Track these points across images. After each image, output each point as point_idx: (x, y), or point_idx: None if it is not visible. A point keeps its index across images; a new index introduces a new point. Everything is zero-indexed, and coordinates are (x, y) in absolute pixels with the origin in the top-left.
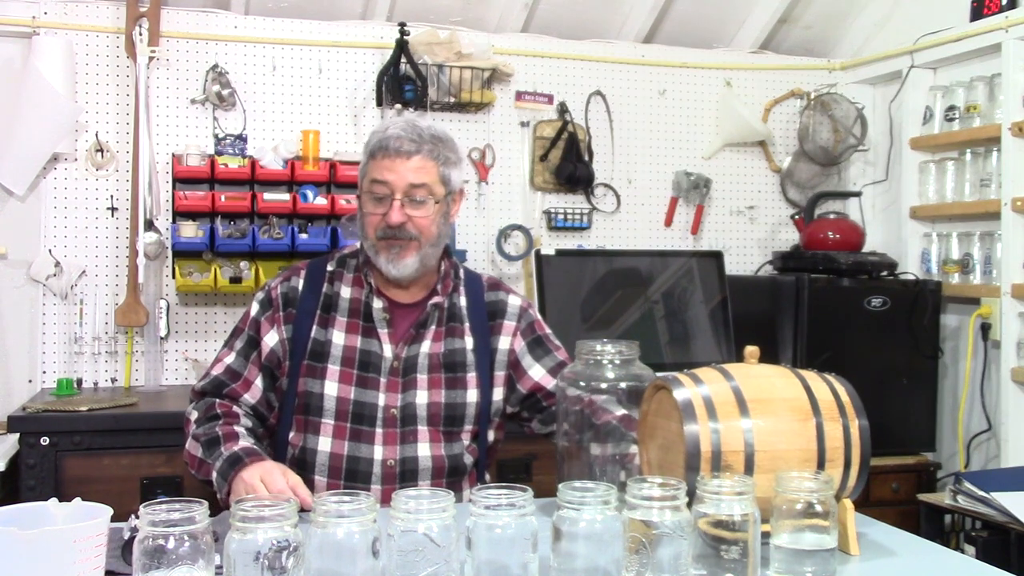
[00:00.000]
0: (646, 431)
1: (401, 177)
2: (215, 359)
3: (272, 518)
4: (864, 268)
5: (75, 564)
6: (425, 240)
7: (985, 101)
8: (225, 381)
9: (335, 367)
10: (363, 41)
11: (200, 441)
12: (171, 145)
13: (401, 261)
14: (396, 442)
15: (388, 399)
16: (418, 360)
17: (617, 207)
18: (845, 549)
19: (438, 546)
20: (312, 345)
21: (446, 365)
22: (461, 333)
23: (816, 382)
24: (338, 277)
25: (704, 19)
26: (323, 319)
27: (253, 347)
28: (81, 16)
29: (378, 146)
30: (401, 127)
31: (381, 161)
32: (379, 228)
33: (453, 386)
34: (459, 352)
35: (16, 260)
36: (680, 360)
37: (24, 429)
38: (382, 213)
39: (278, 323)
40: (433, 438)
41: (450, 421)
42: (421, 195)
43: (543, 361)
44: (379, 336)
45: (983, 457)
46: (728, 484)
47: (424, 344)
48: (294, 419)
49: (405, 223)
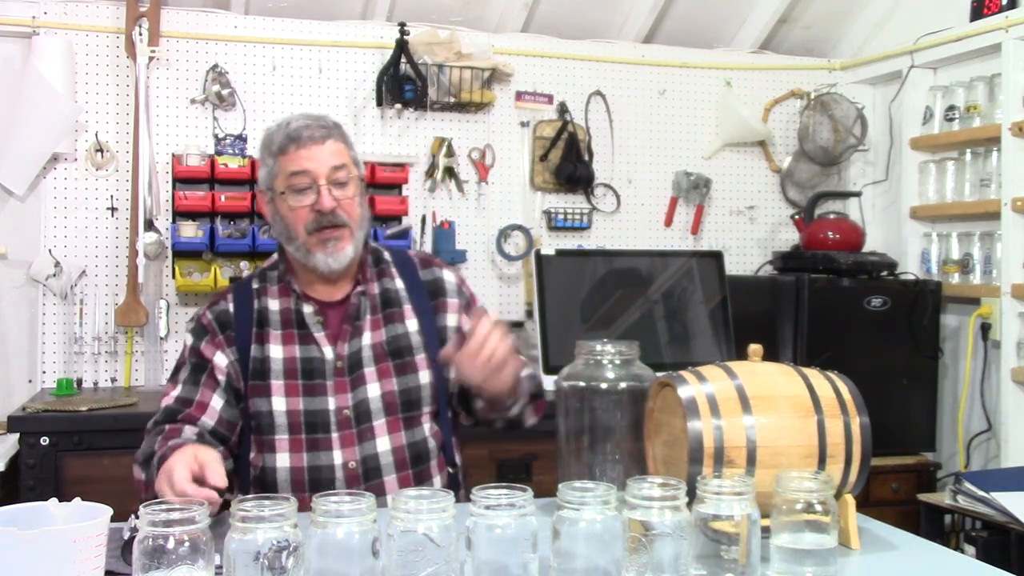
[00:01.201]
0: (651, 428)
1: (321, 162)
2: (163, 395)
3: (272, 518)
4: (864, 268)
5: (75, 564)
6: (355, 225)
7: (985, 101)
8: (178, 409)
9: (279, 382)
10: (363, 41)
11: (139, 462)
12: (171, 145)
13: (340, 252)
14: (354, 443)
15: (339, 401)
16: (362, 354)
17: (617, 207)
18: (846, 543)
19: (438, 546)
20: (252, 364)
21: (392, 352)
22: (401, 317)
23: (818, 379)
24: (263, 292)
25: (704, 19)
26: (258, 336)
27: (201, 371)
28: (81, 16)
29: (287, 140)
30: (302, 119)
31: (296, 153)
32: (308, 221)
33: (404, 371)
34: (403, 336)
35: (16, 260)
36: (680, 360)
37: (24, 429)
38: (309, 204)
39: (221, 347)
40: (392, 428)
41: (408, 407)
42: (342, 176)
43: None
44: (316, 340)
45: (983, 457)
46: (728, 484)
47: (365, 336)
48: (251, 440)
49: (336, 208)
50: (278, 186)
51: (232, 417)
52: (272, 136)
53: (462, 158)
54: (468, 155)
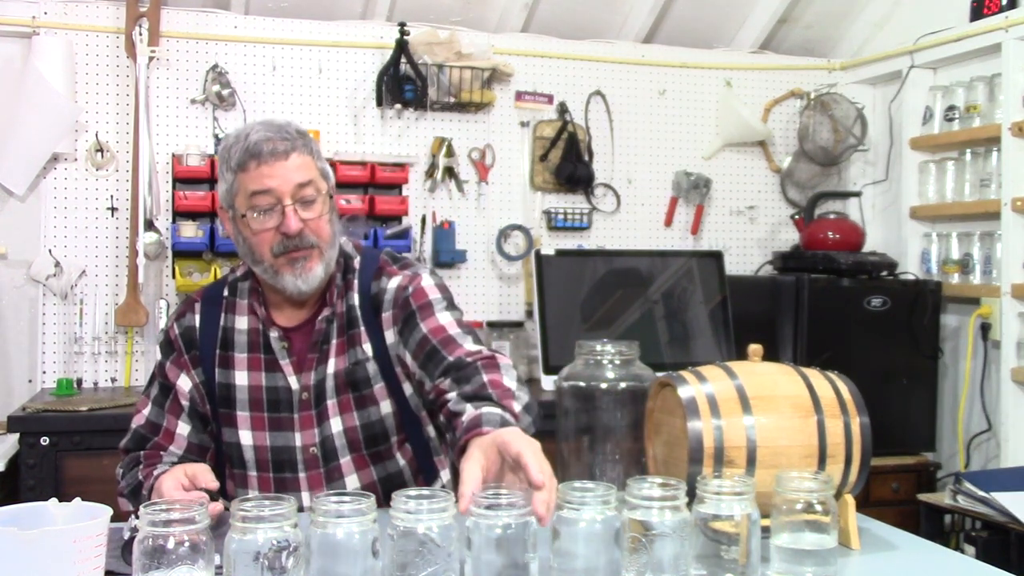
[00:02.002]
0: (651, 428)
1: (285, 180)
2: (135, 409)
3: (272, 518)
4: (864, 268)
5: (75, 564)
6: (324, 244)
7: (985, 101)
8: (147, 435)
9: (244, 413)
10: (363, 41)
11: (125, 495)
12: (171, 145)
13: (309, 273)
14: (322, 483)
15: (304, 438)
16: (325, 384)
17: (617, 207)
18: (846, 543)
19: (438, 546)
20: (219, 391)
21: (351, 384)
22: (359, 340)
23: (818, 379)
24: (232, 307)
25: (704, 19)
26: (223, 358)
27: (166, 395)
28: (81, 16)
29: (246, 155)
30: (262, 130)
31: (257, 170)
32: (274, 244)
33: (363, 405)
34: (361, 366)
35: (16, 260)
36: (680, 360)
37: (24, 429)
38: (274, 227)
39: (186, 368)
40: (359, 465)
41: (371, 442)
42: (309, 194)
43: (408, 343)
44: (282, 368)
45: (983, 457)
46: (728, 484)
47: (329, 364)
48: (226, 470)
49: (302, 229)
50: (239, 206)
51: (202, 441)
52: (230, 149)
53: (462, 158)
54: (468, 155)
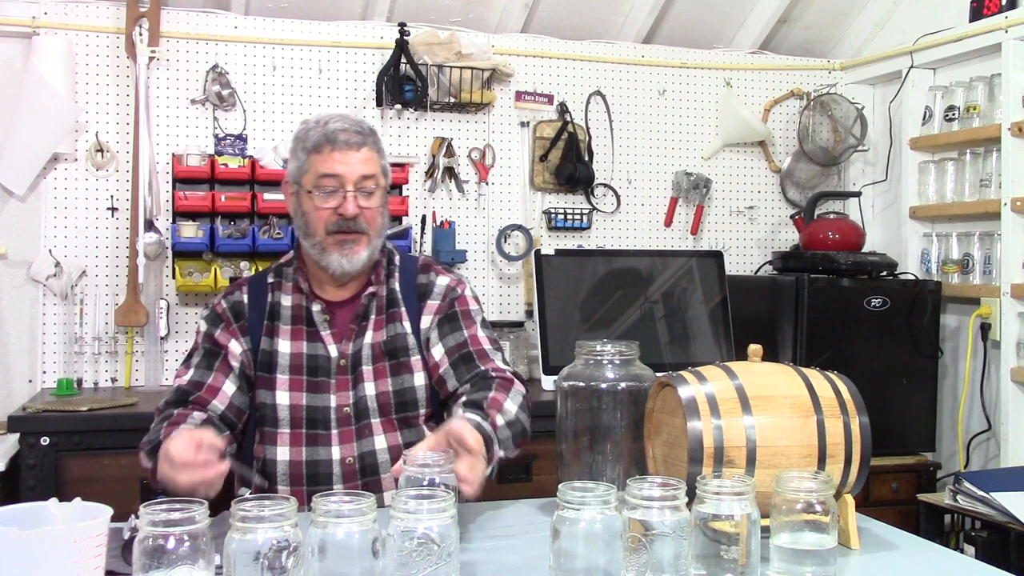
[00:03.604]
0: (651, 428)
1: (352, 169)
2: (176, 377)
3: (272, 518)
4: (864, 268)
5: (75, 564)
6: (373, 233)
7: (985, 101)
8: (189, 391)
9: (284, 376)
10: (363, 41)
11: (145, 451)
12: (171, 145)
13: (355, 256)
14: (352, 439)
15: (339, 398)
16: (363, 353)
17: (617, 207)
18: (846, 543)
19: (438, 546)
20: (261, 356)
21: (388, 352)
22: (400, 317)
23: (818, 379)
24: (278, 287)
25: (704, 19)
26: (268, 329)
27: (215, 357)
28: (81, 16)
29: (323, 140)
30: (341, 121)
31: (330, 155)
32: (330, 222)
33: (398, 372)
34: (400, 337)
35: (16, 260)
36: (680, 360)
37: (24, 429)
38: (333, 207)
39: (236, 335)
40: (387, 428)
41: (401, 407)
42: (370, 185)
43: (446, 339)
44: (323, 339)
45: (983, 457)
46: (728, 484)
47: (367, 335)
48: (256, 431)
49: (358, 215)
50: (306, 183)
51: (242, 404)
52: (308, 131)
53: (462, 158)
54: (468, 155)
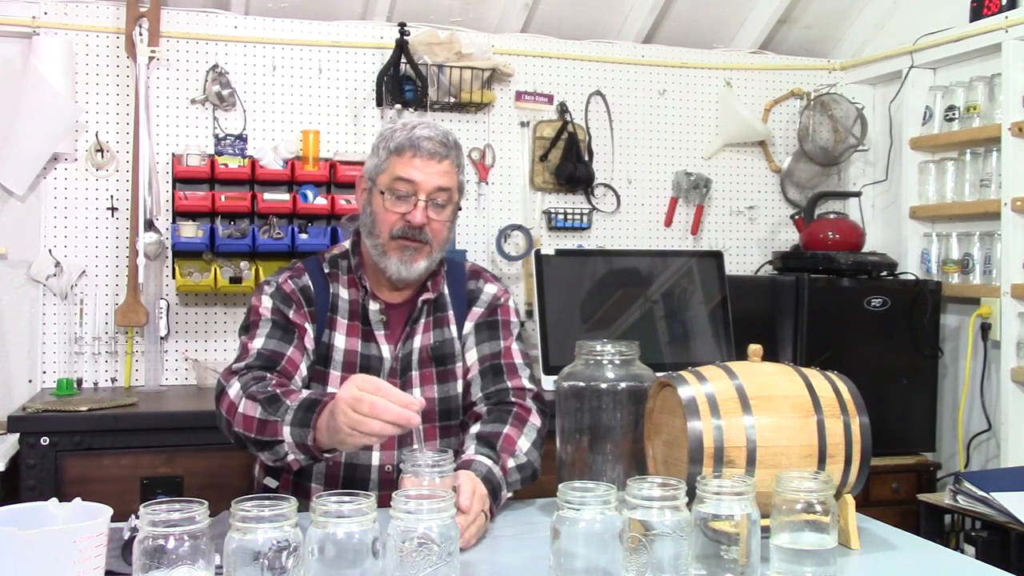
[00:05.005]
0: (651, 428)
1: (429, 179)
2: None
3: (272, 518)
4: (864, 268)
5: (75, 564)
6: (437, 245)
7: (985, 101)
8: (272, 358)
9: (337, 373)
10: (363, 41)
11: (258, 400)
12: (171, 145)
13: (413, 264)
14: (394, 446)
15: None
16: (412, 357)
17: (617, 207)
18: (846, 543)
19: (438, 546)
20: (319, 348)
21: (435, 358)
22: (447, 322)
23: (818, 379)
24: (334, 278)
25: (704, 19)
26: (330, 320)
27: (291, 333)
28: (81, 16)
29: (407, 144)
30: (428, 129)
31: (411, 160)
32: (396, 227)
33: (444, 379)
34: (447, 343)
35: (16, 260)
36: (680, 360)
37: (24, 429)
38: (402, 212)
39: (308, 319)
40: (429, 436)
41: (445, 415)
42: (443, 199)
43: (481, 346)
44: (376, 339)
45: (983, 457)
46: (728, 484)
47: (416, 339)
48: None
49: (425, 226)
50: (381, 182)
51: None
52: (394, 132)
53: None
54: (468, 155)
